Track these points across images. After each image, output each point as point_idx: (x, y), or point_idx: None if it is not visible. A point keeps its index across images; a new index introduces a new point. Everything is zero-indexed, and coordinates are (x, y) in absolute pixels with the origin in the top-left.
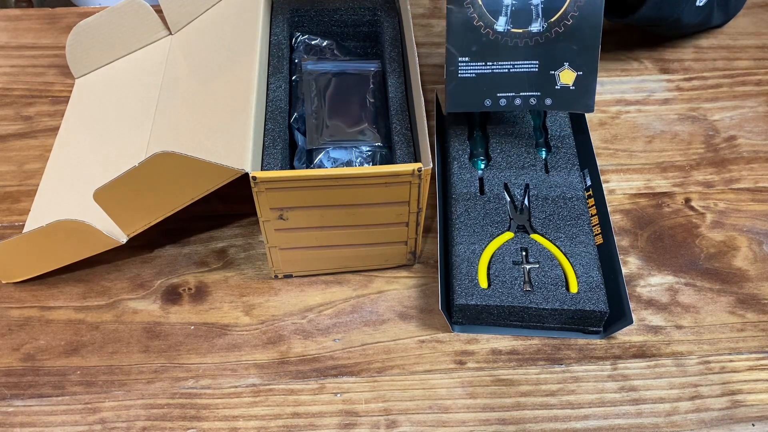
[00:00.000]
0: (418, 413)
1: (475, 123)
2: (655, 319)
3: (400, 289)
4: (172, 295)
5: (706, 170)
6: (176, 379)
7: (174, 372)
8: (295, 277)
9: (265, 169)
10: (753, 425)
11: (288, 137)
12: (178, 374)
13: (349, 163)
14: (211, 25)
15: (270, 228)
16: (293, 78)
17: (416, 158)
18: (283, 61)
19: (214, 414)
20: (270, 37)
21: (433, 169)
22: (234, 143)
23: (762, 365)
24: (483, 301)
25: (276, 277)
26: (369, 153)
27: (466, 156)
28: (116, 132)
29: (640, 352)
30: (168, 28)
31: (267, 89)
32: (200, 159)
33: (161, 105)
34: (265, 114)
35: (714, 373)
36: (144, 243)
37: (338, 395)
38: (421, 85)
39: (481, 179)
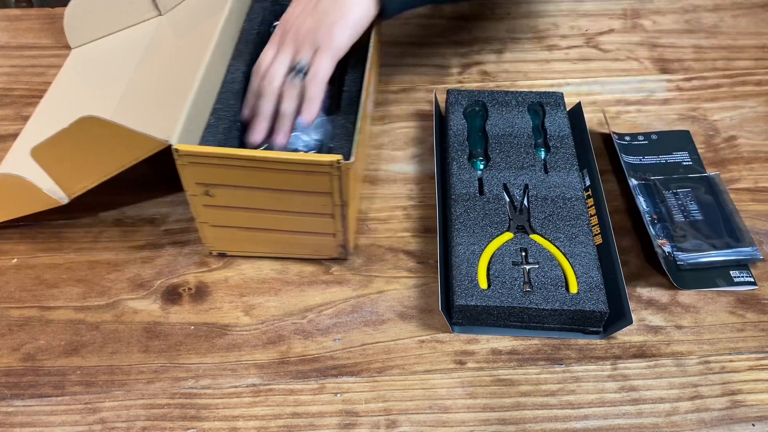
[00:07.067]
0: (418, 413)
1: (474, 123)
2: (655, 319)
3: (400, 289)
4: (172, 295)
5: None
6: (176, 379)
7: (174, 372)
8: (231, 256)
9: (202, 145)
10: (753, 425)
11: (240, 119)
12: (178, 374)
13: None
14: (198, 9)
15: (197, 203)
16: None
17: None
18: (249, 46)
19: (214, 414)
20: (244, 23)
21: (433, 169)
22: (168, 117)
23: (762, 365)
24: (483, 301)
25: (210, 254)
26: (316, 144)
27: (466, 156)
28: (88, 100)
29: (640, 352)
30: (158, 9)
31: (227, 72)
32: (124, 126)
33: (133, 80)
34: (219, 94)
35: (714, 373)
36: (144, 243)
37: (338, 395)
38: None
39: (480, 180)
